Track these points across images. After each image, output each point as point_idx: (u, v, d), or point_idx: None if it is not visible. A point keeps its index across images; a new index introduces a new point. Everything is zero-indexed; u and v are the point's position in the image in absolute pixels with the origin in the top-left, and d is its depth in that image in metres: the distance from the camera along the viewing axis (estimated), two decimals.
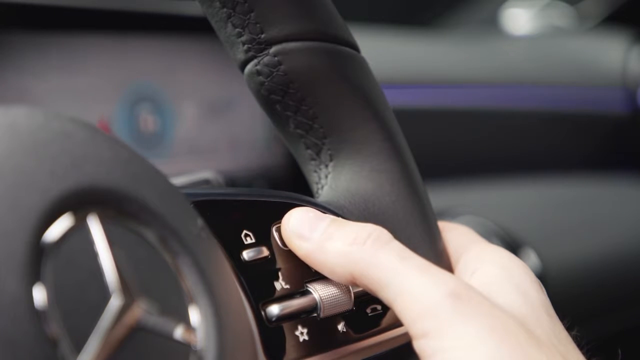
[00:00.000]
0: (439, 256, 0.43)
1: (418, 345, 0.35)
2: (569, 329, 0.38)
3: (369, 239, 0.37)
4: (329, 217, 0.39)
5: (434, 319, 0.34)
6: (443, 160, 1.05)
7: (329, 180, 0.44)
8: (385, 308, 0.41)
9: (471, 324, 0.34)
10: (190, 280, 0.33)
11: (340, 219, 0.40)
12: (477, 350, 0.33)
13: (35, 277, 0.29)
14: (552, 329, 0.37)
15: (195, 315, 0.33)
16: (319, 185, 0.44)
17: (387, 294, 0.36)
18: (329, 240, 0.38)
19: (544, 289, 0.40)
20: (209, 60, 0.77)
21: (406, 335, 0.37)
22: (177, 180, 0.50)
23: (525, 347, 0.34)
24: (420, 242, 0.42)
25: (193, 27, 0.75)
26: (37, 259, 0.29)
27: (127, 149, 0.35)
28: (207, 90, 0.77)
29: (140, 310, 0.31)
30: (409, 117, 0.99)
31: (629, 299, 1.06)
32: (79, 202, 0.31)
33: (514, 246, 0.87)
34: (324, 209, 0.41)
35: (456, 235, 0.44)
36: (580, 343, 0.38)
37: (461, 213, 0.90)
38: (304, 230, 0.39)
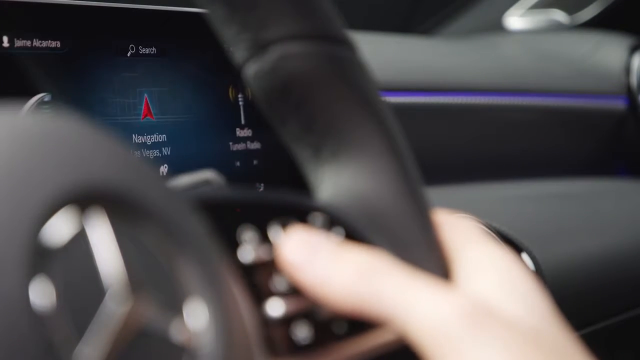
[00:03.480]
0: (437, 259, 0.42)
1: None
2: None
3: (367, 271, 0.37)
4: (327, 246, 0.39)
5: (446, 342, 0.34)
6: (443, 160, 1.05)
7: (329, 180, 0.44)
8: None
9: (485, 344, 0.34)
10: (190, 280, 0.33)
11: (337, 246, 0.39)
12: None
13: (33, 276, 0.29)
14: (562, 337, 0.37)
15: (195, 315, 0.33)
16: (319, 185, 0.44)
17: (397, 324, 0.36)
18: (328, 280, 0.38)
19: (546, 293, 0.39)
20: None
21: None
22: (177, 180, 0.50)
23: None
24: (418, 244, 0.42)
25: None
26: (36, 258, 0.29)
27: (127, 148, 0.35)
28: (206, 89, 0.77)
29: (140, 310, 0.31)
30: (409, 116, 0.99)
31: (627, 300, 1.06)
32: (78, 202, 0.31)
33: (512, 246, 0.87)
34: (323, 211, 0.41)
35: (456, 233, 0.43)
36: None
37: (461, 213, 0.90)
38: (300, 260, 0.38)
